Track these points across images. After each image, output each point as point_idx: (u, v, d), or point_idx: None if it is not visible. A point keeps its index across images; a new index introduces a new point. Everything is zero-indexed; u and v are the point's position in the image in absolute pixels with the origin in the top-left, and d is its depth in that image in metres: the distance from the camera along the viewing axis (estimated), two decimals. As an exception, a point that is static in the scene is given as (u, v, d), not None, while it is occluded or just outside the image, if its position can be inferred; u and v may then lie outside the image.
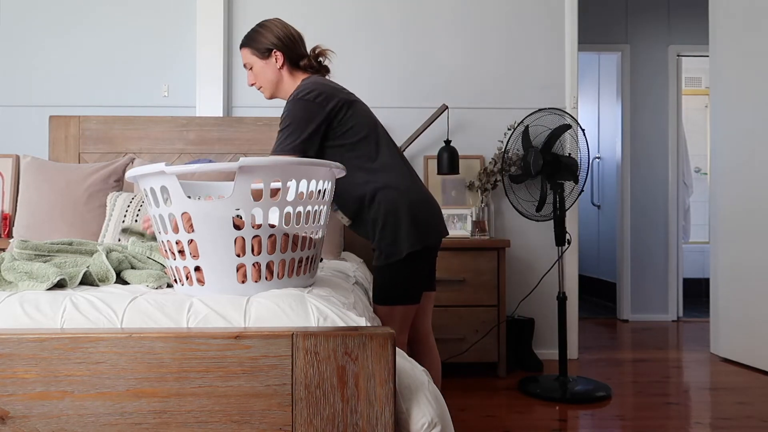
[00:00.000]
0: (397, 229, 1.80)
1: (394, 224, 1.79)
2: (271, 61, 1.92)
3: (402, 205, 1.80)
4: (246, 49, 1.94)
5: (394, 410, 1.08)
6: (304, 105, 1.79)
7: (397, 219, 1.80)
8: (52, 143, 3.22)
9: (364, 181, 1.82)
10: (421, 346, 2.04)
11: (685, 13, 4.77)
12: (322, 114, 1.80)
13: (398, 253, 1.79)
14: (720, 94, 3.56)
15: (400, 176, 1.85)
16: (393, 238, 1.80)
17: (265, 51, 1.91)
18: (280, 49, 1.91)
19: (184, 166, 1.22)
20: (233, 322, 1.18)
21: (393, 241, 1.79)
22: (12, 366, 1.06)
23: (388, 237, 1.80)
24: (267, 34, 1.92)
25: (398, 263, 1.80)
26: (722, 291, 3.52)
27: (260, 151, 3.23)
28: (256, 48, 1.92)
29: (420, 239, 1.80)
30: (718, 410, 2.62)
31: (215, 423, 1.07)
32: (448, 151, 3.23)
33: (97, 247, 1.61)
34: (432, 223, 1.86)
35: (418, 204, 1.83)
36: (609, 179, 5.30)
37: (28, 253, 1.53)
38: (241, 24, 3.42)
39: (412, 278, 1.84)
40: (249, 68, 1.96)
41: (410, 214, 1.80)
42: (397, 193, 1.81)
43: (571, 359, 3.45)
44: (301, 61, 1.95)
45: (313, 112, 1.80)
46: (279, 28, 1.93)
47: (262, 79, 1.95)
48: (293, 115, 1.79)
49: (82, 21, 3.41)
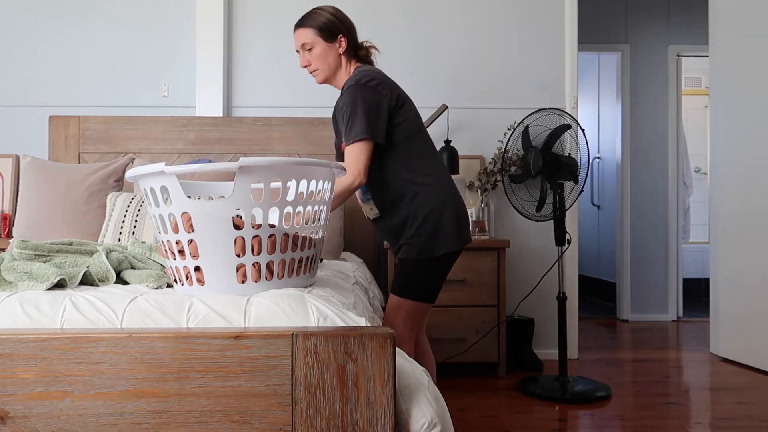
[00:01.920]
0: (438, 228, 1.82)
1: (435, 223, 1.81)
2: (335, 45, 1.90)
3: (446, 206, 1.83)
4: (310, 30, 1.89)
5: (394, 410, 1.08)
6: (371, 91, 1.79)
7: (440, 219, 1.82)
8: (52, 143, 3.22)
9: (409, 177, 1.83)
10: (417, 346, 2.05)
11: (685, 13, 4.77)
12: (386, 102, 1.81)
13: (433, 251, 1.81)
14: (720, 94, 3.55)
15: (444, 178, 1.88)
16: (430, 236, 1.81)
17: (332, 35, 1.89)
18: (345, 35, 1.90)
19: (184, 165, 1.21)
20: (233, 322, 1.18)
21: (430, 239, 1.81)
22: (12, 366, 1.06)
23: (424, 234, 1.81)
24: (333, 19, 1.90)
25: (430, 261, 1.82)
26: (722, 291, 3.52)
27: (260, 151, 3.23)
28: (323, 30, 1.88)
29: (457, 241, 1.84)
30: (718, 410, 2.62)
31: (215, 423, 1.07)
32: (448, 151, 3.22)
33: (97, 247, 1.61)
34: (467, 227, 1.90)
35: (460, 207, 1.87)
36: (609, 179, 5.30)
37: (28, 253, 1.53)
38: (241, 24, 3.42)
39: (438, 278, 1.86)
40: (307, 49, 1.91)
41: (453, 216, 1.83)
42: (441, 194, 1.83)
43: (571, 359, 3.45)
44: (359, 50, 1.95)
45: (380, 98, 1.80)
46: (342, 15, 1.93)
47: (321, 62, 1.90)
48: (362, 101, 1.77)
49: (82, 21, 3.41)
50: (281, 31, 3.43)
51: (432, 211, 1.81)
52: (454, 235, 1.83)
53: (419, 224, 1.81)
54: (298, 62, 3.41)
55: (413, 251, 1.82)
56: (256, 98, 3.42)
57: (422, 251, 1.81)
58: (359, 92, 1.79)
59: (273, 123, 3.25)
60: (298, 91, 3.42)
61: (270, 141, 3.24)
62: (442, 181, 1.86)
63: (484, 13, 3.52)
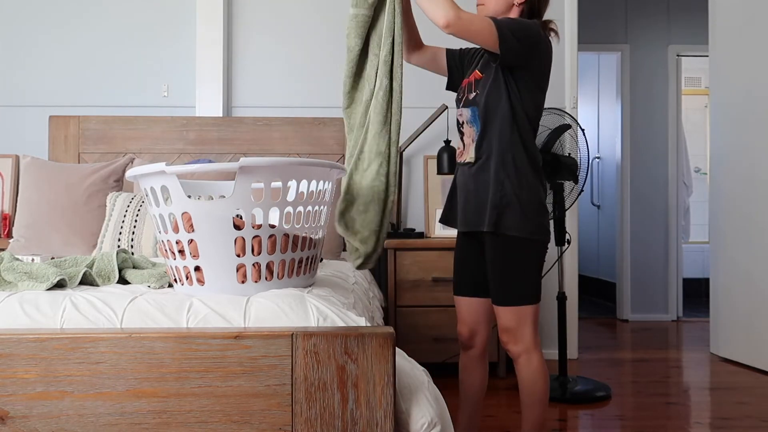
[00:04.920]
0: (545, 210, 1.75)
1: (542, 205, 1.75)
2: None
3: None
4: None
5: (393, 410, 1.08)
6: (535, 30, 1.70)
7: (544, 202, 1.76)
8: (52, 143, 3.22)
9: (534, 146, 1.76)
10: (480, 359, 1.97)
11: (685, 13, 4.77)
12: (547, 50, 1.73)
13: (546, 233, 1.75)
14: (720, 94, 3.55)
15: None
16: (540, 215, 1.73)
17: None
18: None
19: (185, 165, 1.22)
20: (233, 322, 1.18)
21: (539, 217, 1.72)
22: (12, 366, 1.06)
23: (534, 212, 1.71)
24: None
25: (542, 245, 1.75)
26: (722, 291, 3.52)
27: (260, 151, 3.23)
28: None
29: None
30: (718, 410, 2.62)
31: (215, 423, 1.07)
32: (448, 151, 3.22)
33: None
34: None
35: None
36: (609, 179, 5.30)
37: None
38: (241, 24, 3.42)
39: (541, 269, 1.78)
40: None
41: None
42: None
43: (570, 359, 3.44)
44: (534, 17, 1.84)
45: (537, 41, 1.70)
46: None
47: (495, 4, 1.79)
48: (527, 24, 1.69)
49: (81, 21, 3.41)
50: (281, 31, 3.42)
51: (542, 192, 1.77)
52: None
53: (528, 197, 1.73)
54: (298, 62, 3.41)
55: (526, 229, 1.73)
56: (256, 98, 3.42)
57: (535, 231, 1.73)
58: (536, 26, 1.71)
59: (273, 123, 3.25)
60: (298, 91, 3.42)
61: (270, 141, 3.24)
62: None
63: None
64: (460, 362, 1.97)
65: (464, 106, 1.84)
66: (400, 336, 2.90)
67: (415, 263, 2.97)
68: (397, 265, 2.97)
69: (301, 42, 3.42)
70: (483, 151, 1.76)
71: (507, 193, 1.69)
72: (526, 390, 1.77)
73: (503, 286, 1.74)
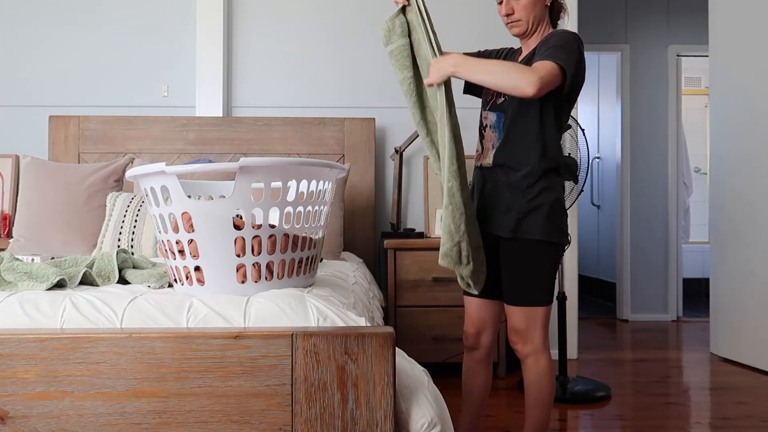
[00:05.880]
0: (564, 213, 1.76)
1: (563, 208, 1.76)
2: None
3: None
4: None
5: (393, 410, 1.08)
6: (579, 48, 1.70)
7: (564, 206, 1.77)
8: (52, 143, 3.22)
9: (559, 151, 1.76)
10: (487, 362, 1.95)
11: (685, 13, 4.77)
12: (584, 66, 1.74)
13: (565, 237, 1.74)
14: (720, 94, 3.55)
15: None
16: (560, 218, 1.73)
17: None
18: None
19: (185, 165, 1.22)
20: (233, 322, 1.18)
21: (559, 220, 1.73)
22: (12, 366, 1.06)
23: (555, 216, 1.71)
24: None
25: (560, 248, 1.75)
26: (722, 291, 3.51)
27: (260, 151, 3.23)
28: None
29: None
30: (717, 410, 2.62)
31: (215, 423, 1.07)
32: (448, 151, 3.22)
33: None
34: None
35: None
36: (609, 179, 5.30)
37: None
38: (241, 24, 3.42)
39: (555, 272, 1.77)
40: None
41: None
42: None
43: (570, 359, 3.44)
44: (553, 12, 1.87)
45: (582, 58, 1.72)
46: None
47: (527, 12, 1.78)
48: (578, 49, 1.69)
49: (81, 21, 3.41)
50: (281, 31, 3.42)
51: (563, 197, 1.80)
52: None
53: (553, 200, 1.75)
54: (298, 62, 3.41)
55: (544, 231, 1.74)
56: (256, 98, 3.42)
57: (553, 234, 1.74)
58: (578, 42, 1.71)
59: (273, 123, 3.25)
60: (298, 91, 3.42)
61: (270, 141, 3.24)
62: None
63: (484, 12, 3.51)
64: (464, 364, 1.95)
65: (491, 110, 1.85)
66: (400, 336, 2.90)
67: (415, 263, 2.97)
68: (397, 265, 2.97)
69: (301, 42, 3.42)
70: (502, 158, 1.77)
71: (526, 199, 1.70)
72: (532, 391, 1.77)
73: (517, 287, 1.74)
